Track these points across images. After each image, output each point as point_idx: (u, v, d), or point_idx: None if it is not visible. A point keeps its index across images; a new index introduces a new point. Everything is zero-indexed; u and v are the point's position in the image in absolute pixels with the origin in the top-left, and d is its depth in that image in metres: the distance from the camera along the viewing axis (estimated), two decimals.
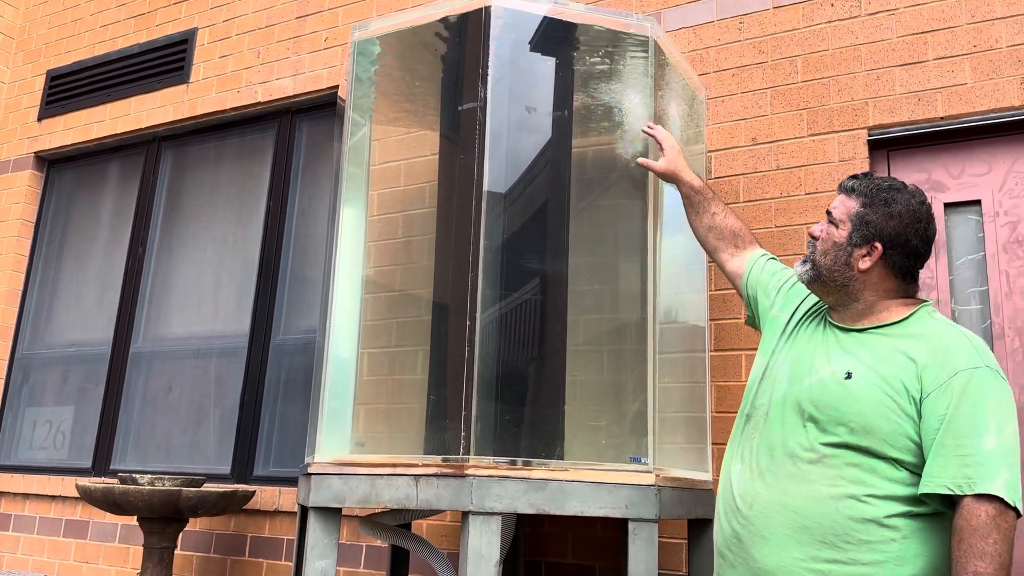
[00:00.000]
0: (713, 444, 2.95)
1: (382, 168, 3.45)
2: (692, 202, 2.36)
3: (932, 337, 1.71)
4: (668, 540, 3.00)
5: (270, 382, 4.13)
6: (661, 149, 2.42)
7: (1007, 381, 1.66)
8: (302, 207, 4.31)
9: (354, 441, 2.79)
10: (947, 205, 2.87)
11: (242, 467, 4.04)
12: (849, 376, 1.72)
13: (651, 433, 2.33)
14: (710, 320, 3.06)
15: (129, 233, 4.80)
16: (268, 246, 4.29)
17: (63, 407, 4.76)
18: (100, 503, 3.32)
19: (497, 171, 2.51)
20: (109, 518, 4.22)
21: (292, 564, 2.71)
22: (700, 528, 2.55)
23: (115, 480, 3.36)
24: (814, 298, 1.97)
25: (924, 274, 2.84)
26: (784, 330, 1.95)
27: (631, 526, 2.20)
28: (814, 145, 3.04)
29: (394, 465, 2.21)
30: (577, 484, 2.18)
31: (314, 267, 4.17)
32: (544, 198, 2.86)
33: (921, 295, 2.84)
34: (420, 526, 3.38)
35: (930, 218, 1.81)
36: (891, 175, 2.97)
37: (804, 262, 1.89)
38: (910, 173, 2.94)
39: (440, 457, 2.19)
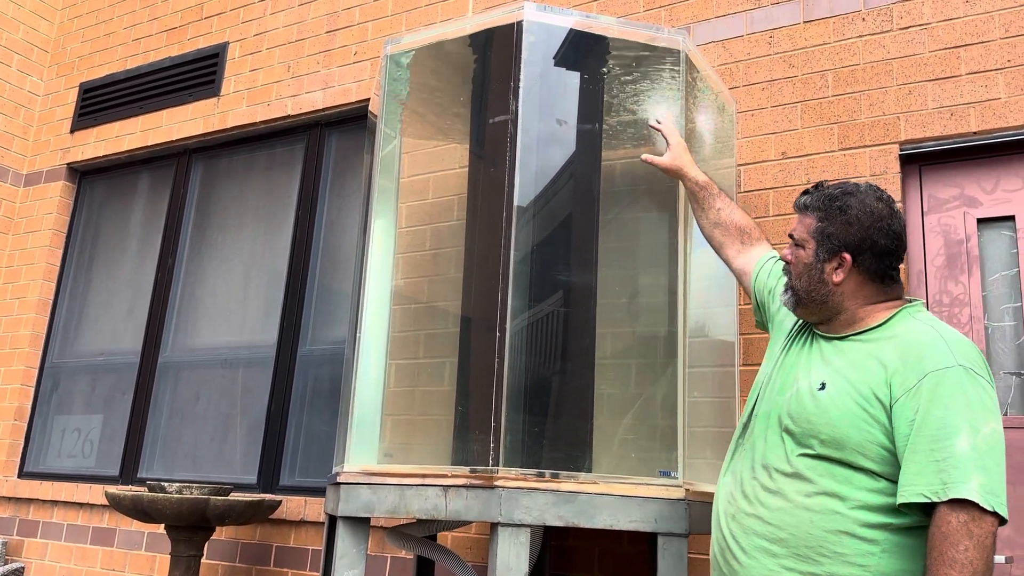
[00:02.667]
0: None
1: (411, 180, 3.48)
2: (697, 198, 2.35)
3: (904, 339, 1.65)
4: (697, 556, 2.97)
5: (297, 392, 4.15)
6: (667, 144, 2.43)
7: (989, 378, 1.58)
8: (330, 219, 4.35)
9: (382, 452, 2.79)
10: (980, 220, 2.84)
11: (268, 476, 4.05)
12: (823, 387, 1.68)
13: (681, 447, 2.32)
14: (740, 334, 3.04)
15: (159, 244, 4.86)
16: (296, 258, 4.32)
17: (92, 415, 4.81)
18: (129, 511, 3.35)
19: (527, 184, 2.52)
20: (136, 526, 4.25)
21: (319, 574, 2.71)
22: None
23: (143, 488, 3.39)
24: None
25: (956, 289, 2.81)
26: (787, 337, 1.92)
27: (661, 540, 2.18)
28: (845, 159, 3.02)
29: (423, 476, 2.22)
30: (606, 497, 2.17)
31: (342, 279, 4.20)
32: (572, 210, 2.86)
33: (942, 317, 2.81)
34: (445, 538, 3.38)
35: (892, 213, 1.75)
36: (923, 190, 2.95)
37: (785, 291, 1.85)
38: (942, 188, 2.91)
39: (468, 468, 2.19)
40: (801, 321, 1.90)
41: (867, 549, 1.56)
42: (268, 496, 3.77)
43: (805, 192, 1.84)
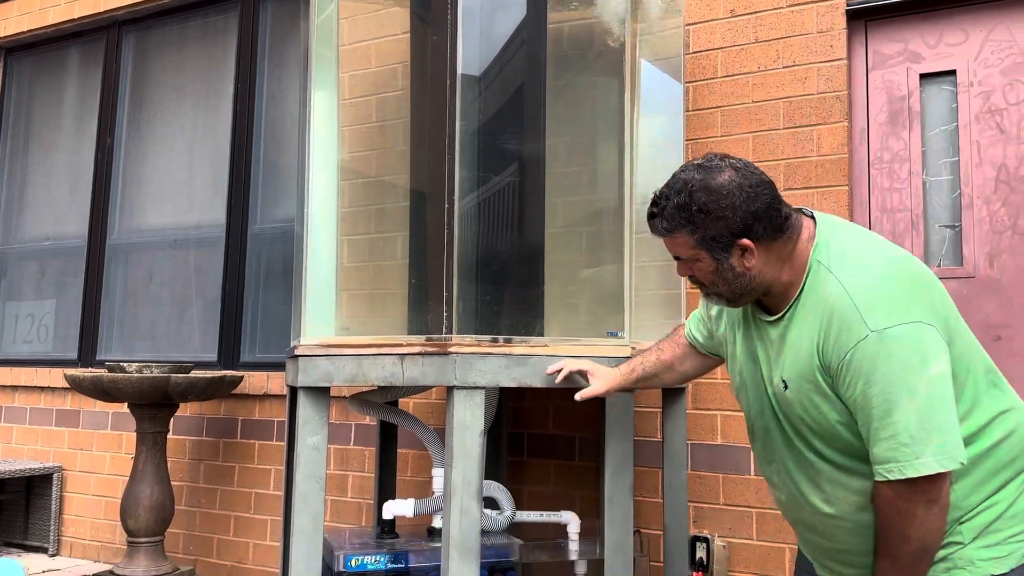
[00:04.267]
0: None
1: (352, 48, 3.37)
2: (651, 383, 2.15)
3: (819, 310, 1.58)
4: (643, 409, 3.12)
5: (250, 271, 4.15)
6: (586, 378, 2.19)
7: (911, 310, 1.49)
8: (271, 92, 4.22)
9: (339, 326, 2.84)
10: (923, 76, 2.87)
11: (228, 354, 4.10)
12: (786, 387, 1.64)
13: (627, 309, 2.40)
14: None
15: (96, 123, 4.69)
16: (238, 133, 4.21)
17: (44, 301, 4.77)
18: (90, 391, 3.39)
19: (471, 50, 2.46)
20: (100, 406, 4.31)
21: (284, 443, 2.81)
22: (673, 397, 2.66)
23: (103, 370, 3.42)
24: None
25: (897, 146, 2.87)
26: (729, 341, 1.85)
27: (609, 396, 2.29)
28: (792, 16, 2.99)
29: (379, 345, 2.27)
30: (557, 359, 2.25)
31: (287, 154, 4.12)
32: (520, 78, 2.82)
33: (882, 173, 2.87)
34: (407, 404, 3.49)
35: (747, 172, 1.63)
36: (868, 46, 2.94)
37: (709, 296, 1.72)
38: (887, 43, 2.91)
39: (424, 337, 2.25)
40: (732, 313, 1.84)
41: None
42: (229, 372, 3.83)
43: (651, 216, 1.67)
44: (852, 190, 2.90)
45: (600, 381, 2.12)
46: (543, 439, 3.29)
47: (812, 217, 1.68)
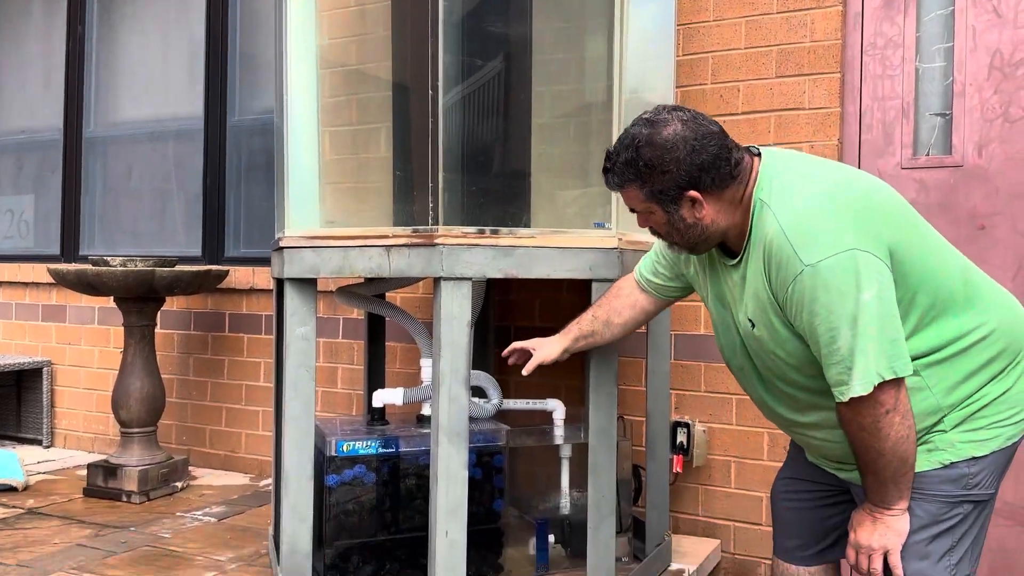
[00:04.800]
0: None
1: None
2: (591, 341, 2.18)
3: (762, 246, 1.62)
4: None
5: (231, 165, 4.08)
6: (531, 350, 2.22)
7: (843, 241, 1.52)
8: None
9: (323, 219, 2.81)
10: None
11: (213, 249, 4.08)
12: (753, 325, 1.69)
13: (615, 200, 2.38)
14: (676, 87, 3.03)
15: (65, 11, 4.50)
16: (213, 21, 4.06)
17: (22, 195, 4.69)
18: (74, 285, 3.38)
19: None
20: (85, 301, 4.31)
21: (274, 335, 2.82)
22: None
23: (87, 265, 3.39)
24: None
25: (891, 31, 2.80)
26: (701, 285, 1.90)
27: (595, 286, 2.30)
28: None
29: (365, 237, 2.25)
30: (543, 249, 2.24)
31: (264, 45, 3.99)
32: None
33: (875, 60, 2.81)
34: (394, 299, 3.51)
35: (694, 124, 1.64)
36: None
37: (670, 246, 1.78)
38: None
39: (410, 228, 2.23)
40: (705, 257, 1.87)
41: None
42: (215, 267, 3.81)
43: (604, 171, 1.73)
44: (844, 77, 2.85)
45: (542, 351, 2.20)
46: (530, 332, 3.30)
47: (759, 155, 1.69)
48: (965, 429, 1.64)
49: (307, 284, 2.36)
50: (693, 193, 1.65)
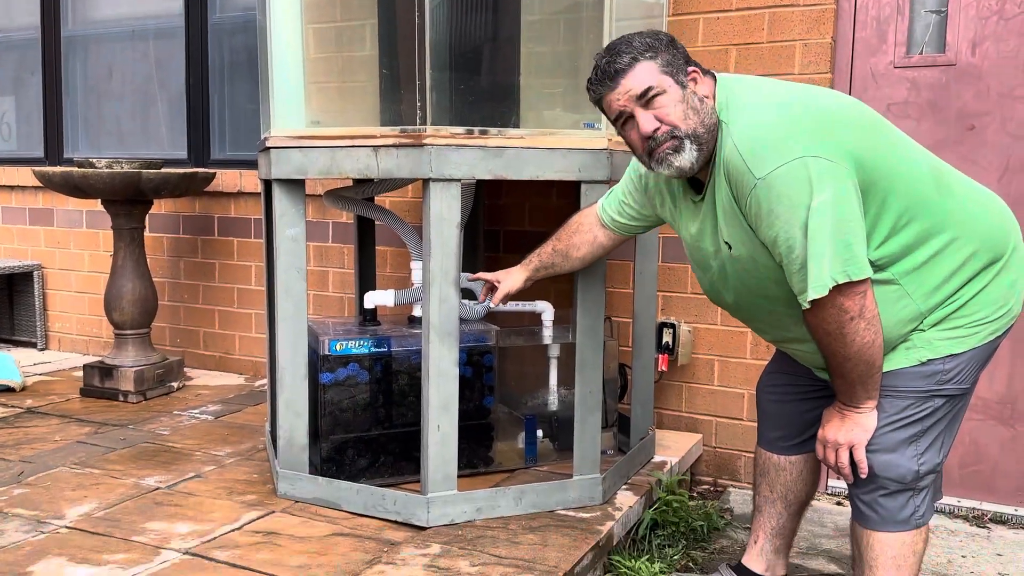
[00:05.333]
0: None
1: None
2: (551, 271, 2.24)
3: (722, 168, 1.64)
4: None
5: (214, 64, 3.99)
6: (497, 283, 2.30)
7: (791, 150, 1.52)
8: None
9: (309, 119, 2.78)
10: None
11: (199, 151, 4.04)
12: (731, 248, 1.70)
13: None
14: None
15: None
16: None
17: (3, 97, 4.59)
18: (61, 188, 3.35)
19: None
20: (73, 204, 4.28)
21: (263, 238, 2.83)
22: None
23: (73, 167, 3.36)
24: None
25: None
26: (679, 227, 1.91)
27: (583, 188, 2.31)
28: None
29: (352, 137, 2.24)
30: (533, 150, 2.24)
31: None
32: None
33: None
34: (383, 202, 3.50)
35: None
36: None
37: (679, 152, 1.64)
38: None
39: (398, 128, 2.21)
40: (659, 187, 1.89)
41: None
42: (201, 169, 3.78)
43: (609, 60, 1.66)
44: None
45: (506, 282, 2.27)
46: (519, 235, 3.35)
47: (720, 106, 1.68)
48: (944, 328, 1.69)
49: (295, 185, 2.35)
50: (694, 69, 1.69)
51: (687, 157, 1.66)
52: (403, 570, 1.98)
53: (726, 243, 1.72)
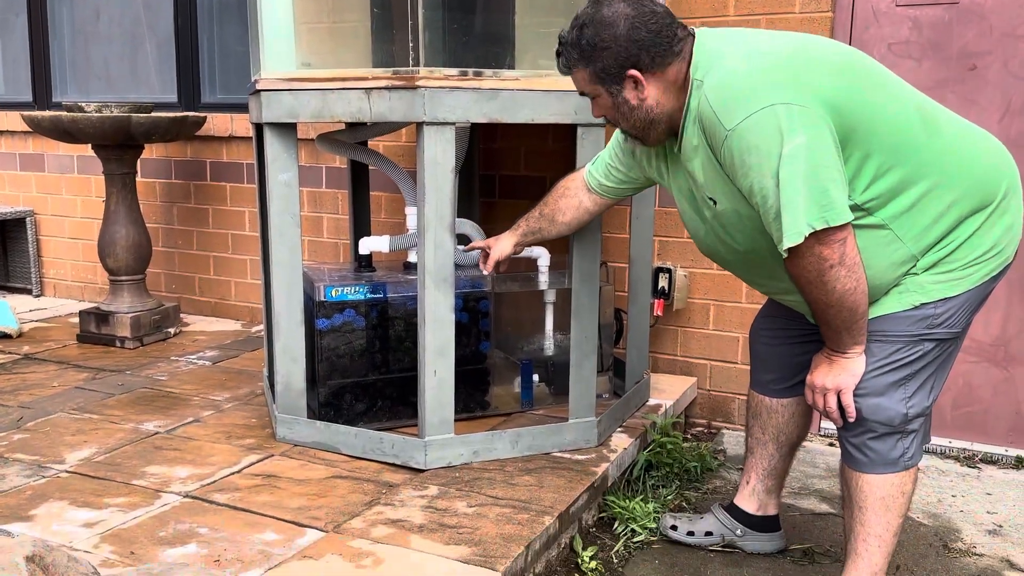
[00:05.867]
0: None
1: None
2: (538, 236, 2.23)
3: (696, 123, 1.64)
4: None
5: (203, 5, 3.90)
6: (489, 249, 2.28)
7: (759, 99, 1.51)
8: None
9: (299, 61, 2.73)
10: None
11: (189, 95, 3.97)
12: (715, 202, 1.70)
13: None
14: None
15: None
16: None
17: None
18: (50, 132, 3.31)
19: None
20: (63, 149, 4.23)
21: (256, 183, 2.80)
22: None
23: (62, 112, 3.31)
24: None
25: None
26: (668, 185, 1.90)
27: (580, 131, 2.28)
28: None
29: (344, 79, 2.20)
30: (528, 93, 2.21)
31: None
32: None
33: None
34: (376, 147, 3.46)
35: (638, 3, 1.65)
36: None
37: (626, 137, 1.87)
38: None
39: (390, 70, 2.18)
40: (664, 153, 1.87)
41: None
42: (192, 113, 3.73)
43: (557, 55, 1.75)
44: None
45: (496, 248, 2.27)
46: (514, 180, 3.32)
47: (695, 62, 1.66)
48: (937, 271, 1.68)
49: (287, 129, 2.32)
50: (634, 72, 1.66)
51: (634, 145, 1.86)
52: (401, 511, 2.01)
53: (710, 199, 1.71)
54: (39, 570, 1.33)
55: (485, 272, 2.28)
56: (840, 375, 1.71)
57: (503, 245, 2.26)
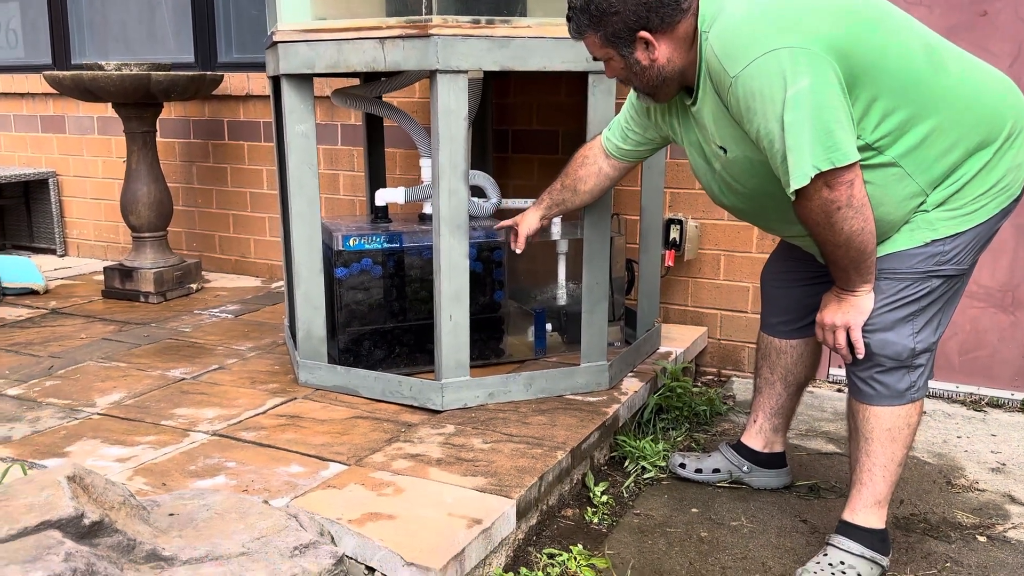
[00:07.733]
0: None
1: None
2: (562, 208, 2.30)
3: (706, 76, 1.68)
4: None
5: None
6: (517, 227, 2.35)
7: (760, 45, 1.53)
8: None
9: (314, 15, 2.76)
10: None
11: (206, 55, 4.02)
12: (725, 151, 1.73)
13: None
14: None
15: None
16: None
17: (8, 3, 4.55)
18: (71, 91, 3.37)
19: None
20: (83, 109, 4.30)
21: (274, 138, 2.86)
22: None
23: (82, 71, 3.36)
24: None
25: None
26: (680, 139, 1.94)
27: (591, 79, 2.31)
28: None
29: (358, 29, 2.24)
30: (540, 40, 2.24)
31: None
32: None
33: None
34: (391, 102, 3.50)
35: None
36: None
37: (639, 96, 1.89)
38: None
39: (404, 19, 2.21)
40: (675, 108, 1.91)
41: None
42: (209, 72, 3.77)
43: (568, 21, 1.78)
44: None
45: (523, 224, 2.33)
46: (527, 135, 3.36)
47: (701, 15, 1.68)
48: (946, 208, 1.71)
49: (303, 81, 2.37)
50: (644, 34, 1.69)
51: (649, 103, 1.89)
52: (420, 447, 2.08)
53: (721, 147, 1.75)
54: (80, 489, 1.42)
55: (517, 251, 2.35)
56: (849, 312, 1.75)
57: (530, 220, 2.33)
